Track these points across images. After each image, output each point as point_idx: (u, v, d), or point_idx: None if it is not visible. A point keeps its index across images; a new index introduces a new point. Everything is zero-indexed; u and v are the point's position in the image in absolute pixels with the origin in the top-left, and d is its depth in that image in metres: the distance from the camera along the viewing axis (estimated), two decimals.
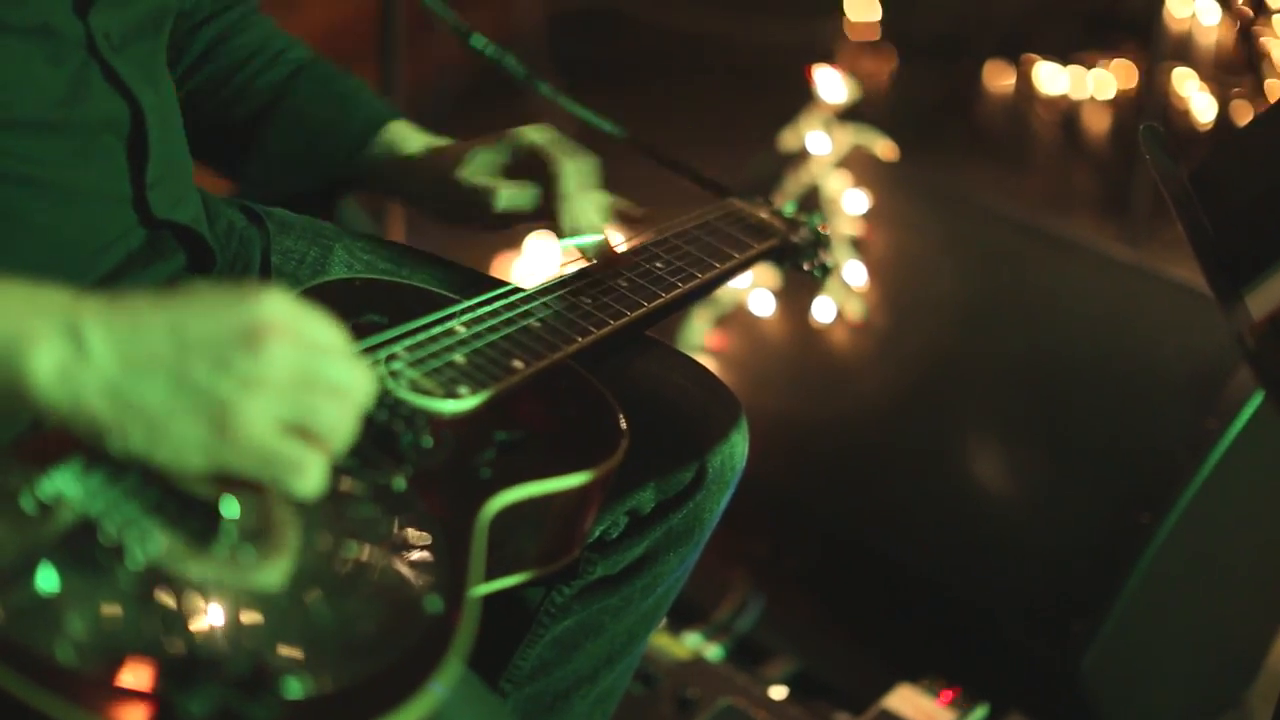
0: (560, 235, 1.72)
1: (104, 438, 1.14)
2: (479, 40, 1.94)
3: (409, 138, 1.86)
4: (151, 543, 1.16)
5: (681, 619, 2.71)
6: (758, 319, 2.89)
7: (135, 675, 1.07)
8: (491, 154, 1.80)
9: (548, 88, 1.96)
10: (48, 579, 1.11)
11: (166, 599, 1.13)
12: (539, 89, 1.96)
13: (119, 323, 1.14)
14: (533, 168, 1.77)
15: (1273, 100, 4.40)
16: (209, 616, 1.13)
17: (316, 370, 1.17)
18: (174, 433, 1.14)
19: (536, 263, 3.67)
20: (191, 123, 1.82)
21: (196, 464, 1.16)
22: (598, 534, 1.73)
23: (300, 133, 1.84)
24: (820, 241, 2.01)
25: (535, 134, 1.79)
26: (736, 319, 2.90)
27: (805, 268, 2.00)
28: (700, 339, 2.88)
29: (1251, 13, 4.45)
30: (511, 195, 1.76)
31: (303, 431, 1.17)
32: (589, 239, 1.71)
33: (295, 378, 1.16)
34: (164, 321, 1.15)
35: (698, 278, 1.77)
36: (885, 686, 2.47)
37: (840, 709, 2.53)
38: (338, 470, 1.25)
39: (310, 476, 1.18)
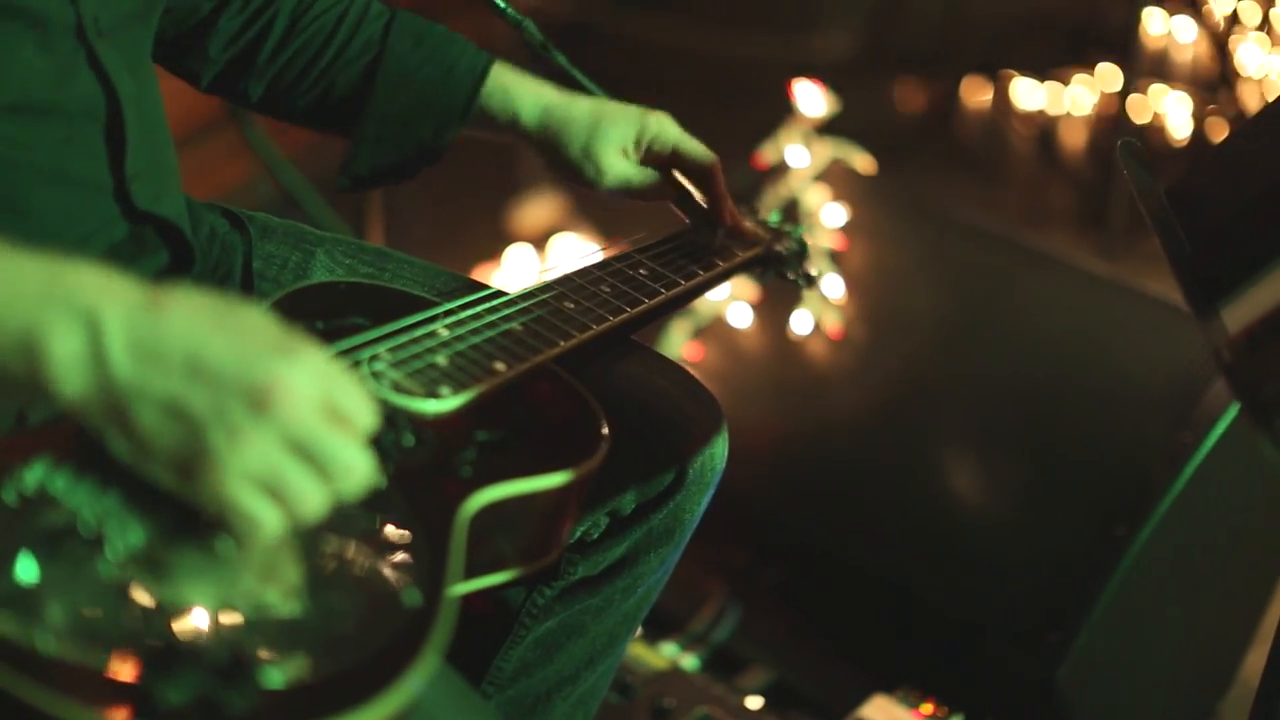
0: (721, 224, 1.90)
1: (100, 435, 1.15)
2: (501, 1, 1.98)
3: (523, 87, 1.88)
4: (132, 534, 1.16)
5: (658, 629, 2.71)
6: (736, 331, 2.89)
7: (114, 664, 1.08)
8: (630, 133, 1.87)
9: (563, 58, 1.98)
10: (27, 569, 1.11)
11: (146, 589, 1.14)
12: (555, 58, 1.98)
13: (142, 328, 1.13)
14: (666, 158, 1.88)
15: (1248, 116, 4.43)
16: (188, 607, 1.14)
17: (315, 441, 1.15)
18: (152, 454, 1.14)
19: (517, 270, 3.69)
20: (295, 95, 1.85)
21: (166, 485, 1.16)
22: (578, 535, 1.73)
23: (408, 89, 1.85)
24: (804, 251, 2.02)
25: (673, 129, 1.88)
26: (715, 331, 2.91)
27: (789, 277, 2.01)
28: (679, 350, 2.88)
29: (1227, 29, 4.48)
30: (645, 177, 1.89)
31: (274, 491, 1.15)
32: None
33: (285, 443, 1.14)
34: (189, 338, 1.14)
35: (680, 284, 1.78)
36: (861, 697, 2.47)
37: (816, 719, 2.54)
38: None
39: (264, 533, 1.16)
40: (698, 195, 1.91)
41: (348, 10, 1.86)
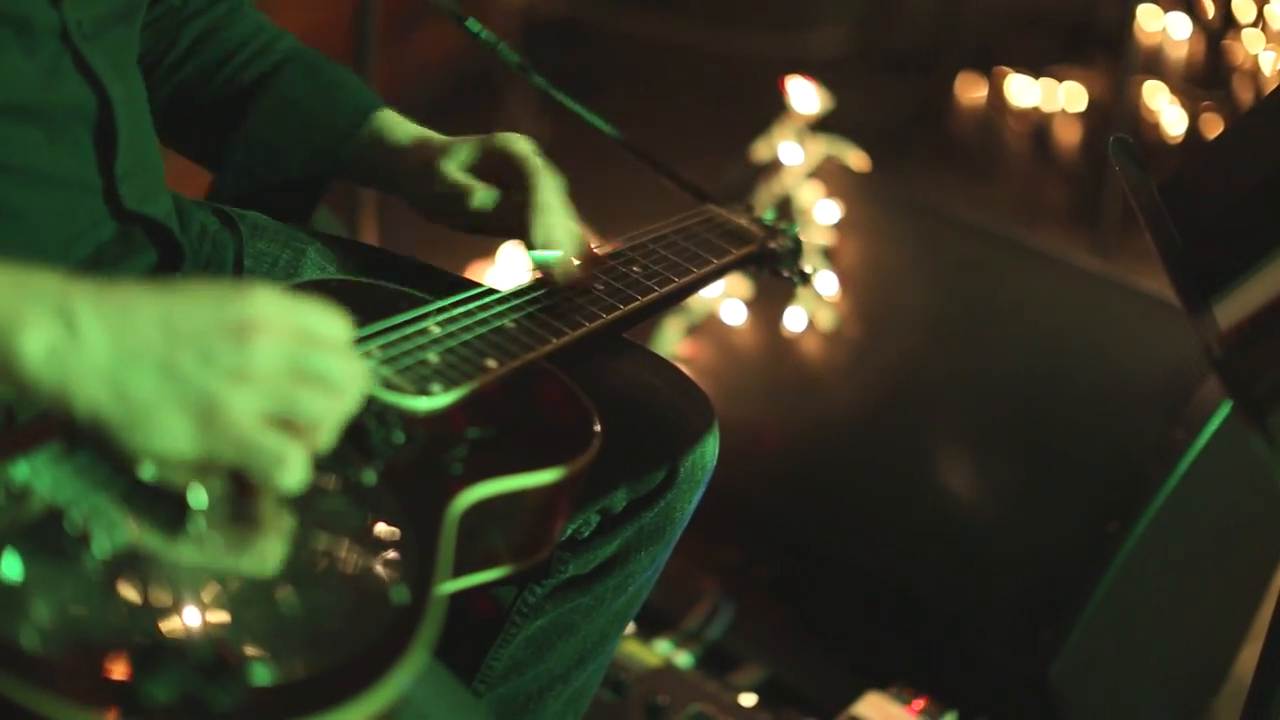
0: (530, 247, 1.69)
1: (86, 421, 1.15)
2: (474, 25, 1.95)
3: (396, 126, 1.84)
4: (119, 531, 1.16)
5: (652, 626, 2.71)
6: (729, 328, 2.89)
7: (99, 661, 1.08)
8: (471, 152, 1.79)
9: (540, 79, 1.96)
10: (12, 566, 1.11)
11: (132, 587, 1.14)
12: (532, 79, 1.96)
13: (110, 308, 1.15)
14: (507, 175, 1.76)
15: (1242, 113, 4.44)
16: (175, 604, 1.14)
17: (306, 362, 1.18)
18: (161, 422, 1.15)
19: (510, 270, 3.68)
20: (180, 116, 1.83)
21: (181, 453, 1.16)
22: (569, 533, 1.73)
23: (286, 120, 1.83)
24: (798, 249, 2.01)
25: (516, 142, 1.76)
26: (708, 328, 2.91)
27: (784, 274, 2.00)
28: (672, 348, 2.88)
29: (1221, 26, 4.48)
30: (482, 197, 1.75)
31: (287, 424, 1.18)
32: (553, 254, 1.68)
33: (283, 370, 1.17)
34: (155, 310, 1.16)
35: (674, 282, 1.77)
36: (854, 694, 2.47)
37: (809, 716, 2.54)
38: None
39: (292, 469, 1.19)
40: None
41: (249, 41, 1.86)
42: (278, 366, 1.17)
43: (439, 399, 1.41)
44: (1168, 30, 4.70)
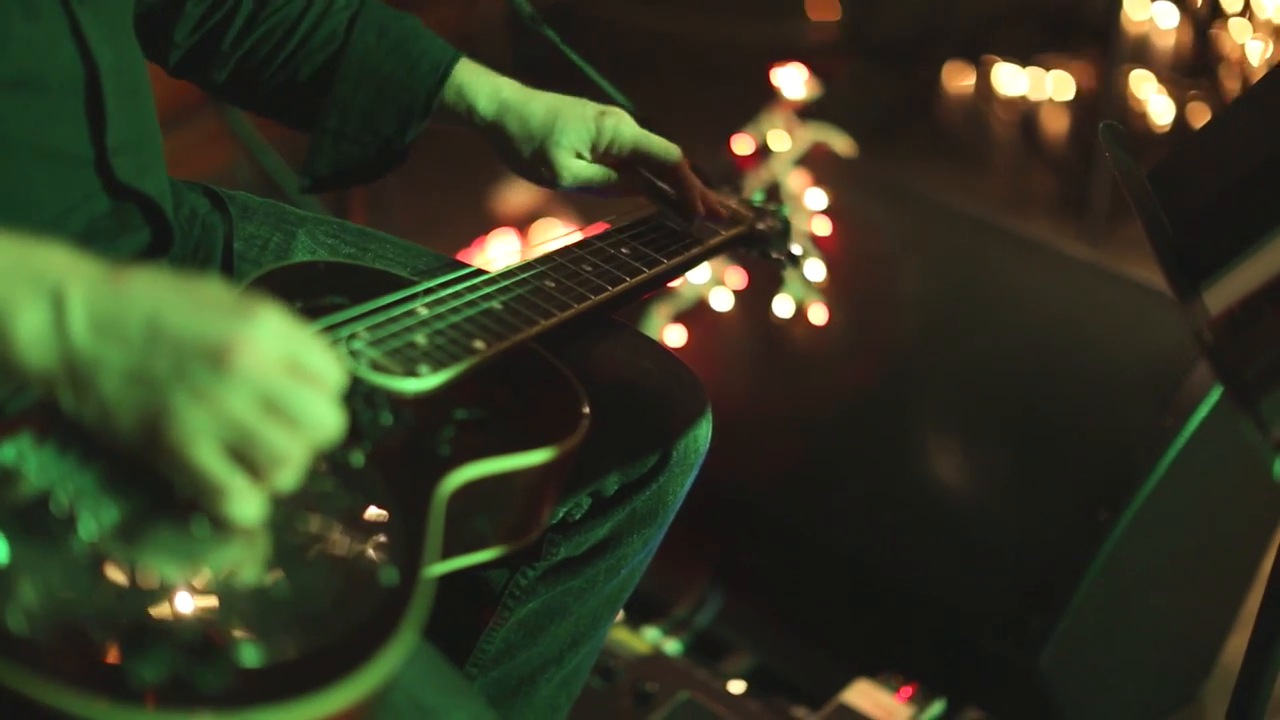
0: (693, 215, 1.86)
1: (62, 404, 1.14)
2: None
3: (476, 81, 1.84)
4: (105, 513, 1.16)
5: (642, 613, 2.71)
6: (718, 314, 2.89)
7: (86, 642, 1.07)
8: (585, 137, 1.83)
9: (551, 32, 1.95)
10: None
11: (119, 568, 1.13)
12: (544, 31, 1.96)
13: (103, 295, 1.14)
14: (626, 157, 1.85)
15: (1229, 102, 4.44)
16: (162, 585, 1.13)
17: (282, 395, 1.15)
18: (116, 419, 1.14)
19: (500, 255, 3.67)
20: (258, 83, 1.83)
21: (133, 452, 1.15)
22: (561, 515, 1.73)
23: (371, 84, 1.82)
24: (787, 230, 2.01)
25: (630, 129, 1.84)
26: (696, 315, 2.90)
27: (773, 256, 2.00)
28: (660, 334, 2.88)
29: (1208, 15, 4.49)
30: (609, 181, 1.86)
31: (246, 459, 1.15)
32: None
33: (254, 401, 1.14)
34: (147, 306, 1.14)
35: (663, 263, 1.76)
36: (843, 681, 2.47)
37: (798, 704, 2.54)
38: None
39: (240, 506, 1.16)
40: (666, 188, 1.87)
41: (313, 0, 1.85)
42: (249, 396, 1.14)
43: (427, 380, 1.40)
44: (1155, 19, 4.70)
